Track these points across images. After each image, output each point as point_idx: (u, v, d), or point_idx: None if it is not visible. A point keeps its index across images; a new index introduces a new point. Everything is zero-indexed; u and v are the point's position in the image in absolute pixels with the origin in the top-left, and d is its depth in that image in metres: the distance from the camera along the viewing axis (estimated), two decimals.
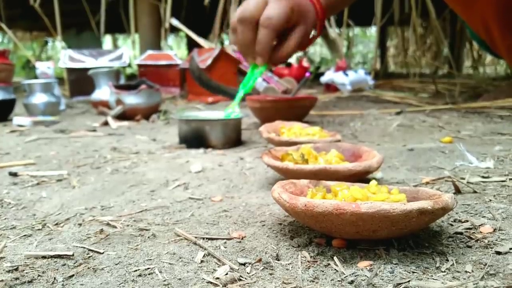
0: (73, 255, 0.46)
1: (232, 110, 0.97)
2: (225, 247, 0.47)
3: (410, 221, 0.42)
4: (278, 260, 0.44)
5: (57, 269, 0.44)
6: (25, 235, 0.53)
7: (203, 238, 0.50)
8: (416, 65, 3.23)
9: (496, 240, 0.46)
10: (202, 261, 0.44)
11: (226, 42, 3.80)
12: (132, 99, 1.45)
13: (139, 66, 2.27)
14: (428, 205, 0.41)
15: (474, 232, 0.48)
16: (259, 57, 0.76)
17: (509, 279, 0.38)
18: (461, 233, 0.48)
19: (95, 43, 3.60)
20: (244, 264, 0.43)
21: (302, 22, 0.76)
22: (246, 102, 1.30)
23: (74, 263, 0.45)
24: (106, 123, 1.40)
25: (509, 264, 0.41)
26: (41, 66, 1.80)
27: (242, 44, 0.76)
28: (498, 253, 0.43)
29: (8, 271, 0.43)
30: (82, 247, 0.48)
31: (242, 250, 0.47)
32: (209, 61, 1.89)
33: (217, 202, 0.63)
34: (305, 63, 2.65)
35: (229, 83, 1.85)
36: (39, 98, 1.54)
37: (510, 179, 0.67)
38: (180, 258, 0.45)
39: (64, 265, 0.44)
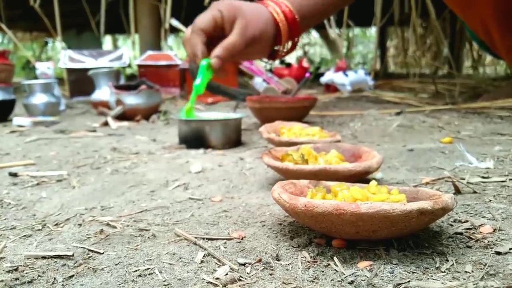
0: (73, 255, 0.46)
1: (189, 108, 0.96)
2: (225, 247, 0.47)
3: (410, 222, 0.42)
4: (278, 260, 0.44)
5: (57, 269, 0.44)
6: (25, 236, 0.53)
7: (203, 239, 0.50)
8: (416, 66, 3.23)
9: (496, 240, 0.46)
10: (202, 261, 0.44)
11: None
12: (132, 100, 1.45)
13: (139, 66, 2.27)
14: (428, 206, 0.41)
15: (474, 233, 0.48)
16: (196, 57, 0.80)
17: (509, 279, 0.38)
18: (461, 234, 0.48)
19: (95, 43, 3.61)
20: (244, 264, 0.43)
21: (239, 15, 0.77)
22: (247, 102, 1.30)
23: (74, 263, 0.45)
24: (106, 124, 1.40)
25: (509, 264, 0.41)
26: (41, 67, 1.80)
27: (189, 56, 0.80)
28: (498, 253, 0.43)
29: (8, 271, 0.43)
30: (82, 247, 0.48)
31: (242, 250, 0.47)
32: None
33: (217, 202, 0.63)
34: (305, 64, 2.65)
35: (229, 83, 1.85)
36: (39, 99, 1.54)
37: (510, 179, 0.67)
38: (180, 258, 0.45)
39: (64, 265, 0.44)
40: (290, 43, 0.83)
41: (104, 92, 1.64)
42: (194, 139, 1.00)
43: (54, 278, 0.42)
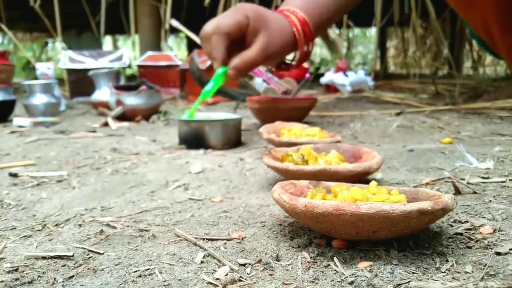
0: (73, 255, 0.46)
1: (193, 110, 0.97)
2: (225, 248, 0.47)
3: (410, 222, 0.42)
4: (278, 260, 0.44)
5: (57, 270, 0.44)
6: (25, 236, 0.53)
7: (203, 239, 0.50)
8: (416, 66, 3.23)
9: (496, 240, 0.46)
10: (202, 262, 0.44)
11: None
12: (132, 100, 1.45)
13: (139, 67, 2.27)
14: (428, 206, 0.41)
15: (474, 233, 0.48)
16: (214, 61, 0.81)
17: (509, 280, 0.38)
18: (461, 234, 0.48)
19: (95, 44, 3.61)
20: (244, 265, 0.43)
21: (263, 28, 0.78)
22: (247, 103, 1.30)
23: (74, 264, 0.45)
24: (106, 124, 1.40)
25: (509, 265, 0.41)
26: (41, 67, 1.80)
27: (206, 53, 0.82)
28: (498, 253, 0.43)
29: (8, 272, 0.43)
30: (82, 247, 0.48)
31: (242, 250, 0.47)
32: (209, 62, 1.88)
33: (217, 203, 0.63)
34: (305, 64, 2.65)
35: (229, 84, 1.85)
36: (39, 99, 1.54)
37: (510, 179, 0.67)
38: (180, 258, 0.45)
39: (64, 265, 0.44)
40: (298, 53, 0.84)
41: (104, 93, 1.64)
42: (194, 139, 1.00)
43: (54, 279, 0.42)
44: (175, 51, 3.96)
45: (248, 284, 0.40)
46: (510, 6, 0.59)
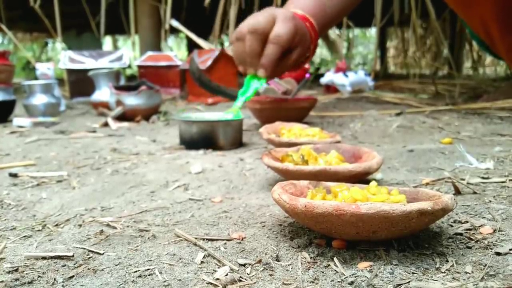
0: (73, 256, 0.46)
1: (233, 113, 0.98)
2: (225, 248, 0.47)
3: (410, 222, 0.42)
4: (278, 261, 0.44)
5: (57, 270, 0.44)
6: (25, 236, 0.53)
7: (203, 239, 0.50)
8: (416, 66, 3.24)
9: (496, 241, 0.46)
10: (202, 262, 0.44)
11: (226, 44, 3.80)
12: (132, 100, 1.45)
13: (139, 67, 2.27)
14: (428, 206, 0.41)
15: (474, 233, 0.48)
16: (264, 69, 0.81)
17: (509, 280, 0.38)
18: (461, 234, 0.48)
19: (95, 44, 3.61)
20: (244, 265, 0.43)
21: (301, 44, 0.80)
22: (246, 103, 1.30)
23: (74, 264, 0.45)
24: (106, 124, 1.40)
25: (509, 265, 0.41)
26: (41, 67, 1.80)
27: (249, 54, 0.80)
28: (498, 254, 0.43)
29: (8, 272, 0.43)
30: (82, 248, 0.48)
31: (242, 251, 0.47)
32: (209, 62, 1.89)
33: (217, 203, 0.63)
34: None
35: (229, 84, 1.85)
36: (39, 99, 1.54)
37: (510, 180, 0.67)
38: (180, 259, 0.45)
39: (64, 266, 0.44)
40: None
41: (104, 93, 1.64)
42: (202, 139, 0.99)
43: (54, 279, 0.42)
44: (175, 52, 3.96)
45: (248, 284, 0.40)
46: (509, 7, 0.59)
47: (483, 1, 0.60)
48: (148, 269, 0.43)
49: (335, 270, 0.41)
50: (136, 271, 0.43)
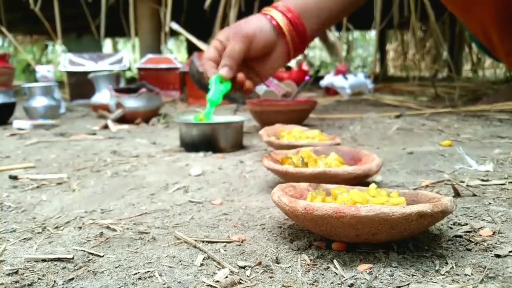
0: (73, 258, 0.46)
1: (201, 117, 0.95)
2: (225, 250, 0.47)
3: (409, 224, 0.42)
4: (278, 263, 0.44)
5: (57, 272, 0.44)
6: (25, 238, 0.53)
7: (203, 241, 0.50)
8: (415, 69, 3.24)
9: (496, 243, 0.46)
10: (202, 264, 0.44)
11: None
12: (132, 103, 1.46)
13: (139, 69, 2.27)
14: (428, 208, 0.41)
15: (473, 235, 0.48)
16: (207, 76, 0.84)
17: (509, 282, 0.38)
18: (460, 236, 0.48)
19: (95, 46, 3.61)
20: (244, 267, 0.43)
21: (230, 29, 0.82)
22: (246, 105, 1.30)
23: (74, 266, 0.45)
24: (106, 127, 1.40)
25: (508, 267, 0.41)
26: (41, 70, 1.81)
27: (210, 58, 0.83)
28: (498, 256, 0.43)
29: (8, 274, 0.43)
30: (82, 250, 0.48)
31: (242, 253, 0.47)
32: None
33: (217, 205, 0.63)
34: (304, 67, 2.65)
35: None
36: (39, 102, 1.54)
37: (510, 182, 0.67)
38: (180, 261, 0.45)
39: (64, 268, 0.44)
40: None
41: (104, 95, 1.64)
42: (203, 142, 0.99)
43: (54, 281, 0.42)
44: (175, 54, 3.97)
45: (248, 286, 0.40)
46: (509, 11, 0.59)
47: (483, 5, 0.60)
48: (148, 272, 0.43)
49: (335, 272, 0.41)
50: (136, 274, 0.43)
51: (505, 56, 0.65)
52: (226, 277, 0.41)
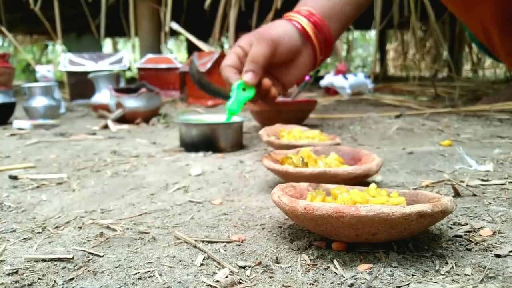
0: (73, 258, 0.46)
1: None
2: (225, 250, 0.47)
3: (409, 224, 0.42)
4: (278, 263, 0.44)
5: (57, 272, 0.44)
6: (25, 238, 0.53)
7: (203, 241, 0.50)
8: (415, 69, 3.24)
9: (496, 243, 0.46)
10: (202, 264, 0.44)
11: (226, 46, 3.80)
12: (132, 103, 1.45)
13: (139, 69, 2.27)
14: (428, 208, 0.41)
15: (473, 235, 0.48)
16: (228, 83, 0.78)
17: (509, 282, 0.38)
18: (460, 236, 0.48)
19: (95, 46, 3.61)
20: (244, 267, 0.43)
21: (253, 34, 0.77)
22: (246, 105, 1.30)
23: (74, 266, 0.45)
24: (106, 127, 1.40)
25: (508, 267, 0.41)
26: (41, 70, 1.81)
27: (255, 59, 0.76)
28: (498, 256, 0.43)
29: (8, 274, 0.43)
30: (82, 250, 0.48)
31: (242, 253, 0.47)
32: (209, 65, 1.89)
33: (217, 205, 0.63)
34: None
35: (229, 86, 1.85)
36: (39, 102, 1.54)
37: (510, 182, 0.67)
38: (180, 261, 0.45)
39: (64, 268, 0.44)
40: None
41: (104, 95, 1.64)
42: (203, 142, 0.99)
43: (54, 281, 0.42)
44: (175, 54, 3.97)
45: (248, 286, 0.40)
46: (509, 11, 0.59)
47: (483, 5, 0.60)
48: (148, 271, 0.43)
49: (335, 272, 0.41)
50: (136, 273, 0.43)
51: (505, 56, 0.65)
52: (226, 277, 0.41)
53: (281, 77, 0.80)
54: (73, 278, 0.42)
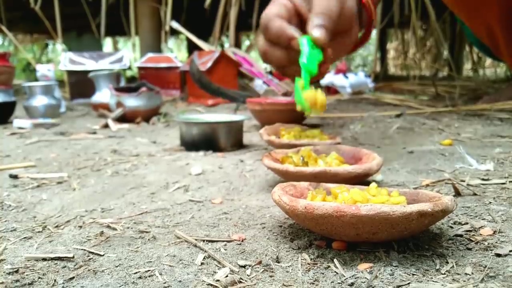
0: (73, 257, 0.46)
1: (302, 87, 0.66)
2: (225, 250, 0.47)
3: (410, 224, 0.42)
4: (278, 262, 0.44)
5: (58, 271, 0.44)
6: (25, 237, 0.53)
7: (203, 241, 0.50)
8: (416, 68, 3.24)
9: (496, 242, 0.46)
10: (202, 264, 0.44)
11: (226, 45, 3.80)
12: (132, 102, 1.45)
13: (140, 68, 2.27)
14: (428, 208, 0.41)
15: (474, 235, 0.48)
16: (289, 38, 0.61)
17: (509, 282, 0.38)
18: (461, 236, 0.48)
19: (96, 45, 3.61)
20: (244, 267, 0.43)
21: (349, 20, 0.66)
22: (247, 104, 1.30)
23: (75, 265, 0.45)
24: (106, 126, 1.40)
25: (509, 266, 0.41)
26: (42, 69, 1.81)
27: (275, 38, 0.63)
28: (498, 255, 0.43)
29: (9, 273, 0.43)
30: (82, 249, 0.48)
31: (242, 252, 0.47)
32: (209, 64, 1.89)
33: (217, 204, 0.63)
34: None
35: (229, 85, 1.85)
36: (40, 101, 1.54)
37: (510, 181, 0.67)
38: (180, 260, 0.45)
39: (64, 267, 0.44)
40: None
41: (104, 94, 1.64)
42: (203, 141, 0.99)
43: (55, 280, 0.42)
44: (175, 53, 3.97)
45: (248, 285, 0.40)
46: None
47: (489, 8, 0.60)
48: (148, 271, 0.43)
49: (335, 272, 0.41)
50: (136, 273, 0.43)
51: (509, 57, 0.65)
52: (227, 276, 0.41)
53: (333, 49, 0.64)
54: (73, 277, 0.42)
